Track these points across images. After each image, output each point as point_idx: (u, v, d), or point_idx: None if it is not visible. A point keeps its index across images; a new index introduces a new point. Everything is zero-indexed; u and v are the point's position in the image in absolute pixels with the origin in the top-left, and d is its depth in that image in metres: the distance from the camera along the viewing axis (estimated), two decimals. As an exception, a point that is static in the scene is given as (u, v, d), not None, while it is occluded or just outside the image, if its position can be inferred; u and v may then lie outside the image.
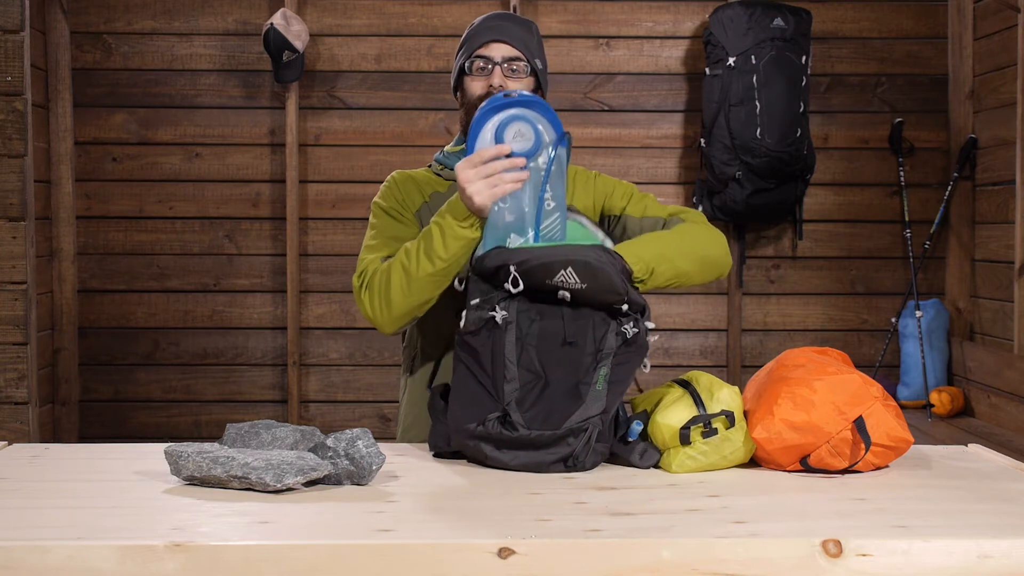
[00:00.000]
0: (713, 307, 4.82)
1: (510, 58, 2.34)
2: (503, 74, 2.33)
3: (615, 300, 1.96)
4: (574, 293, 1.95)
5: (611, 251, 2.01)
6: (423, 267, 2.13)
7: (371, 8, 4.73)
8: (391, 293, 2.17)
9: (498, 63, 2.33)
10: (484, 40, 2.35)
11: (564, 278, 1.94)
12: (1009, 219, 4.34)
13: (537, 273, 1.95)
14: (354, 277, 2.27)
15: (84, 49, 4.66)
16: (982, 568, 1.50)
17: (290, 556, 1.46)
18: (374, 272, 2.21)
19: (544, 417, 1.92)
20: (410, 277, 2.14)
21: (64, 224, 4.63)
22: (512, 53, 2.34)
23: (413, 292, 2.15)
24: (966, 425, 4.34)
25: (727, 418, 1.92)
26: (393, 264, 2.18)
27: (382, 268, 2.21)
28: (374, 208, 2.40)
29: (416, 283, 2.15)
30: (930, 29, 4.79)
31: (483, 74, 2.34)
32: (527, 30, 2.41)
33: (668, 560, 1.48)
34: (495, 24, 2.39)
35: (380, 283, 2.19)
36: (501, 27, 2.37)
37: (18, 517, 1.61)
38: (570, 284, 1.94)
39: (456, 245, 2.11)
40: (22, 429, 3.82)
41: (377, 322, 2.22)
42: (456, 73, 2.41)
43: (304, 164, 4.70)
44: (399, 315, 2.18)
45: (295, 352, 4.69)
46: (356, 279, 2.26)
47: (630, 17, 4.77)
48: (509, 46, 2.34)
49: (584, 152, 4.76)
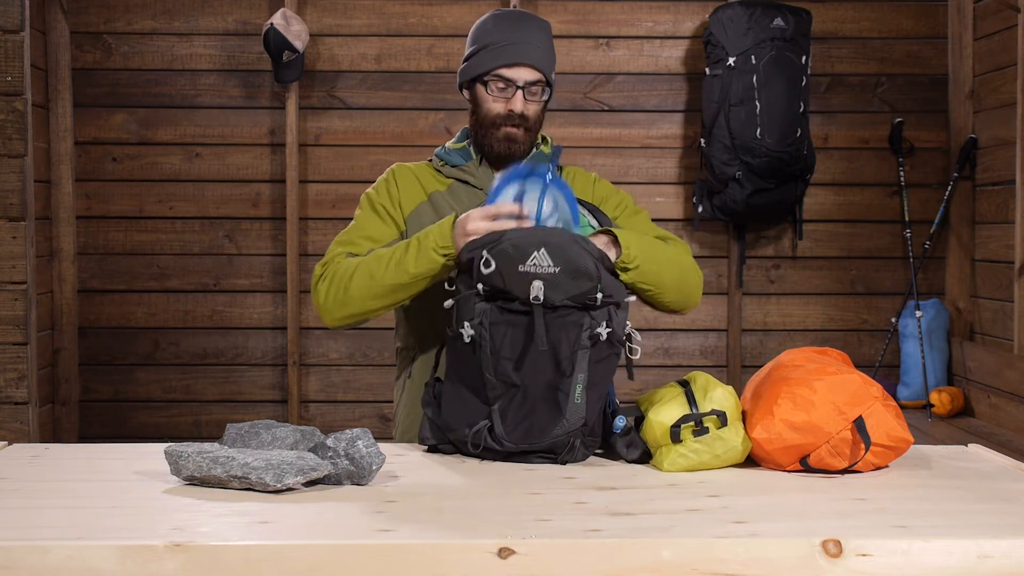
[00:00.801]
0: (713, 307, 4.82)
1: (532, 81, 2.33)
2: (524, 98, 2.33)
3: (588, 288, 1.96)
4: (547, 282, 1.95)
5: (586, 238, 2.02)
6: (388, 275, 2.17)
7: (371, 8, 4.73)
8: (350, 291, 2.22)
9: (520, 87, 2.32)
10: (508, 61, 2.32)
11: (537, 260, 1.95)
12: (1009, 219, 4.34)
13: (509, 254, 1.96)
14: (317, 265, 2.31)
15: (84, 49, 4.66)
16: (982, 568, 1.50)
17: (290, 556, 1.46)
18: (338, 266, 2.25)
19: (525, 432, 1.96)
20: (373, 281, 2.19)
21: (64, 224, 4.63)
22: (535, 76, 2.33)
23: (370, 297, 2.20)
24: (966, 425, 4.34)
25: (718, 417, 1.92)
26: (360, 265, 2.22)
27: (347, 264, 2.25)
28: (363, 200, 2.42)
29: (376, 288, 2.19)
30: (930, 29, 4.79)
31: (503, 94, 2.34)
32: (547, 38, 2.38)
33: (668, 560, 1.48)
34: (518, 39, 2.33)
35: (341, 279, 2.23)
36: (525, 45, 2.32)
37: (18, 517, 1.61)
38: (543, 268, 1.95)
39: (425, 265, 2.14)
40: (22, 429, 3.82)
41: (324, 314, 2.27)
42: (469, 77, 2.38)
43: (304, 164, 4.70)
44: (348, 315, 2.24)
45: (295, 352, 4.69)
46: (319, 267, 2.30)
47: (630, 17, 4.77)
48: (533, 69, 2.33)
49: (584, 152, 4.76)
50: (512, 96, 2.33)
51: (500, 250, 1.97)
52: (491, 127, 2.35)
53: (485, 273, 1.97)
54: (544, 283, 1.94)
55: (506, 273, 1.96)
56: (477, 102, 2.38)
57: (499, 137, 2.35)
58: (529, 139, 2.38)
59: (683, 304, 2.30)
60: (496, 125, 2.35)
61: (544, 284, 1.94)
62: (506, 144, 2.36)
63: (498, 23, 2.37)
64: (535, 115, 2.37)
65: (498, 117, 2.34)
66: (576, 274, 1.96)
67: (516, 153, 2.37)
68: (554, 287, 1.95)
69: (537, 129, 2.40)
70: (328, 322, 2.28)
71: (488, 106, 2.35)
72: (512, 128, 2.34)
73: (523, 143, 2.37)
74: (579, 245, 1.98)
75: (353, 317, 2.25)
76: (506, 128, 2.34)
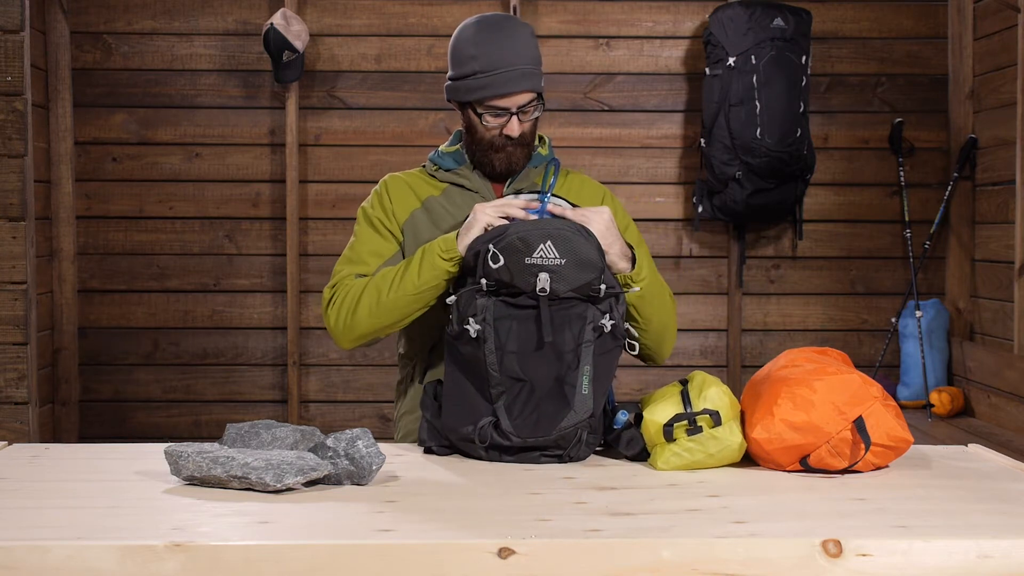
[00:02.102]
0: (713, 307, 4.82)
1: (526, 103, 2.30)
2: (519, 121, 2.30)
3: (593, 278, 1.98)
4: (553, 274, 1.96)
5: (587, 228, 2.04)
6: (394, 291, 2.18)
7: (371, 8, 4.73)
8: (358, 312, 2.22)
9: (515, 113, 2.29)
10: (502, 92, 2.26)
11: (543, 253, 1.96)
12: (1009, 219, 4.34)
13: (516, 248, 1.97)
14: (326, 288, 2.32)
15: (84, 49, 4.66)
16: (982, 568, 1.50)
17: (290, 556, 1.46)
18: (347, 290, 2.26)
19: (533, 424, 1.96)
20: (380, 298, 2.19)
21: (64, 224, 4.63)
22: (528, 99, 2.30)
23: (380, 314, 2.21)
24: (966, 425, 4.34)
25: (711, 417, 1.92)
26: (367, 285, 2.23)
27: (355, 286, 2.26)
28: (360, 215, 2.41)
29: (384, 304, 2.19)
30: (930, 29, 4.79)
31: (498, 121, 2.30)
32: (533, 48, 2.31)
33: (668, 560, 1.48)
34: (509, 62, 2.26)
35: (350, 301, 2.24)
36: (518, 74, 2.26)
37: (18, 517, 1.61)
38: (549, 260, 1.96)
39: (430, 274, 2.14)
40: (22, 429, 3.82)
41: (337, 338, 2.28)
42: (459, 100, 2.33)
43: (304, 164, 4.70)
44: (360, 335, 2.25)
45: (295, 352, 4.69)
46: (328, 291, 2.31)
47: (630, 17, 4.77)
48: (527, 93, 2.29)
49: (584, 152, 4.76)
50: (508, 122, 2.29)
51: (507, 244, 1.97)
52: (489, 150, 2.33)
53: (494, 267, 1.97)
54: (550, 275, 1.96)
55: (513, 267, 1.97)
56: (470, 123, 2.34)
57: (498, 159, 2.34)
58: (525, 155, 2.37)
59: (656, 349, 2.32)
60: (494, 148, 2.33)
61: (550, 276, 1.96)
62: (506, 163, 2.35)
63: (480, 41, 2.29)
64: (531, 129, 2.34)
65: (495, 140, 2.32)
66: (581, 265, 1.97)
67: (516, 168, 2.37)
68: (560, 279, 1.96)
69: (533, 137, 2.38)
70: (342, 345, 2.29)
71: (482, 132, 2.32)
72: (509, 148, 2.33)
73: (521, 157, 2.36)
74: (582, 236, 2.00)
75: (365, 337, 2.26)
76: (503, 152, 2.33)
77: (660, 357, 2.34)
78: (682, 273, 4.79)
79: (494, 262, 1.97)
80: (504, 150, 2.32)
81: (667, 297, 2.30)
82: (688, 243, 4.80)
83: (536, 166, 2.40)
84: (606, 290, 1.99)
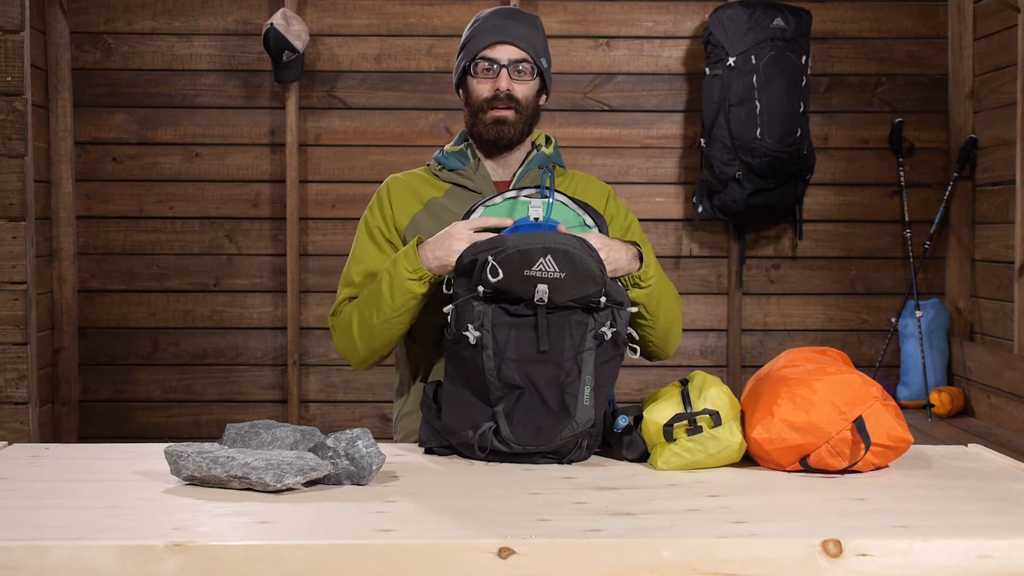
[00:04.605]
0: (713, 307, 4.82)
1: (516, 60, 2.32)
2: (509, 76, 2.32)
3: (593, 291, 1.96)
4: (552, 286, 1.95)
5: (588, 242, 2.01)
6: (376, 315, 2.20)
7: (371, 8, 4.73)
8: (355, 340, 2.26)
9: (504, 65, 2.31)
10: (489, 41, 2.32)
11: (543, 266, 1.95)
12: (1009, 219, 4.34)
13: (515, 261, 1.95)
14: (329, 315, 2.36)
15: (84, 49, 4.66)
16: (982, 568, 1.50)
17: (290, 556, 1.46)
18: (343, 317, 2.29)
19: (534, 432, 1.95)
20: (367, 324, 2.22)
21: (64, 224, 4.63)
22: (518, 55, 2.32)
23: (373, 337, 2.24)
24: (966, 425, 4.34)
25: (711, 417, 1.92)
26: (355, 311, 2.26)
27: (347, 311, 2.28)
28: (361, 224, 2.41)
29: (374, 329, 2.22)
30: (930, 29, 4.79)
31: (488, 76, 2.33)
32: (532, 27, 2.37)
33: (668, 560, 1.48)
34: (500, 23, 2.34)
35: (345, 327, 2.28)
36: (506, 27, 2.33)
37: (18, 517, 1.61)
38: (549, 273, 1.95)
39: (403, 298, 2.16)
40: (22, 429, 3.81)
41: (349, 362, 2.33)
42: (459, 73, 2.39)
43: (304, 164, 4.70)
44: (365, 356, 2.29)
45: (295, 352, 4.69)
46: (330, 318, 2.35)
47: (630, 17, 4.77)
48: (515, 47, 2.32)
49: (584, 152, 4.76)
50: (498, 75, 2.31)
51: (506, 257, 1.95)
52: (479, 111, 2.33)
53: (493, 281, 1.95)
54: (549, 286, 1.94)
55: (512, 278, 1.95)
56: (468, 93, 2.36)
57: (487, 121, 2.32)
58: (520, 123, 2.34)
59: (662, 346, 2.32)
60: (484, 109, 2.32)
61: (549, 287, 1.94)
62: (495, 128, 2.32)
63: (484, 19, 2.38)
64: (525, 98, 2.33)
65: (486, 101, 2.32)
66: (580, 278, 1.95)
67: (506, 136, 2.33)
68: (558, 290, 1.95)
69: (530, 116, 2.36)
70: (358, 368, 2.34)
71: (476, 91, 2.34)
72: (501, 111, 2.31)
73: (513, 126, 2.33)
74: (583, 251, 1.96)
75: (373, 357, 2.29)
76: (494, 112, 2.31)
77: (665, 354, 2.34)
78: (682, 273, 4.79)
79: (494, 275, 1.95)
80: (495, 111, 2.31)
81: (673, 294, 2.31)
82: (688, 243, 4.80)
83: (541, 166, 2.39)
84: (606, 302, 1.97)
